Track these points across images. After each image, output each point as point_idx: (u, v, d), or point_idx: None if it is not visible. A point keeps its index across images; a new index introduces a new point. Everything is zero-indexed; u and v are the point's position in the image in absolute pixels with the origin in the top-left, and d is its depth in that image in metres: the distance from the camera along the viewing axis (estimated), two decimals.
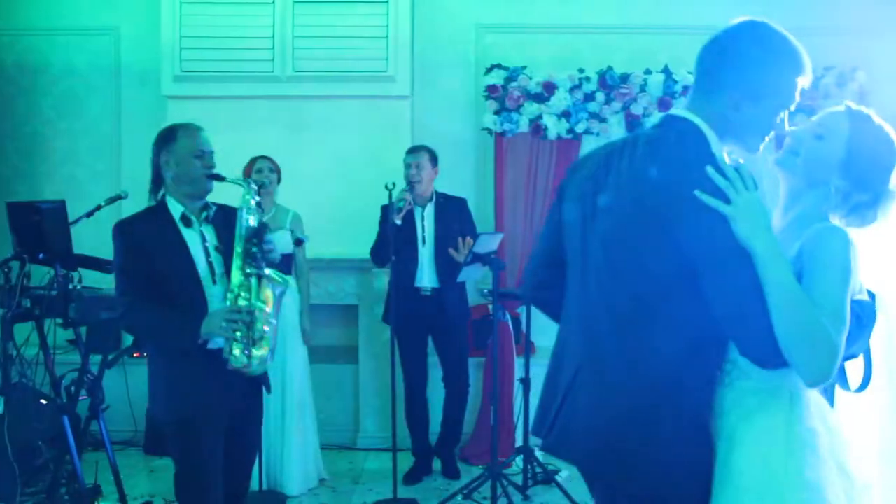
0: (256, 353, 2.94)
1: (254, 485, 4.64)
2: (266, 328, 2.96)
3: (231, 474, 3.12)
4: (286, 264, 4.90)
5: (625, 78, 5.55)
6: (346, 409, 5.77)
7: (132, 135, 6.00)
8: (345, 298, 5.73)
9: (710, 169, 1.83)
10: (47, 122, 6.16)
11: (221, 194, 4.57)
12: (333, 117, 5.74)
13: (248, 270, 2.97)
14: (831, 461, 1.85)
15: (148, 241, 3.03)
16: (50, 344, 4.46)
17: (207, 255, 3.08)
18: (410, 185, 4.92)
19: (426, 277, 5.05)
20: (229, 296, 2.97)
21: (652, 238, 1.88)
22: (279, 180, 5.01)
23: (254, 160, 4.94)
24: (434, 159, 5.09)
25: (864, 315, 1.92)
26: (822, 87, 5.41)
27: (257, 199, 3.06)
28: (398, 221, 4.78)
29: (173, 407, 3.04)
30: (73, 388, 4.58)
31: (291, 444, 4.83)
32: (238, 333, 2.90)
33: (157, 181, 3.17)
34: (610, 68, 5.58)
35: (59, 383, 4.60)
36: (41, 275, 4.35)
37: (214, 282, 3.05)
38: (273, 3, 5.67)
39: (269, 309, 2.97)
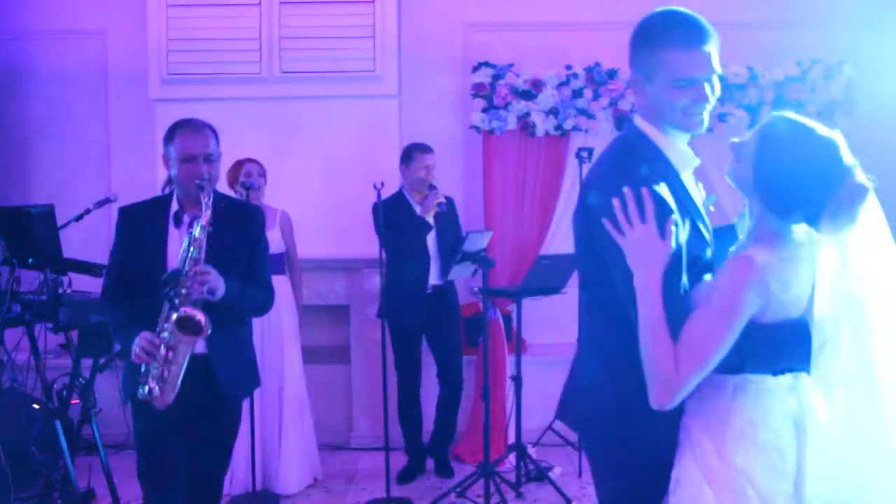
0: (157, 389, 2.86)
1: (247, 486, 4.72)
2: (165, 373, 2.86)
3: (194, 482, 3.12)
4: (278, 263, 4.94)
5: (612, 74, 5.58)
6: (339, 410, 5.79)
7: (120, 138, 6.03)
8: (335, 298, 5.75)
9: (615, 201, 1.95)
10: (36, 127, 6.17)
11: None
12: (321, 117, 5.76)
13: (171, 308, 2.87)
14: (789, 440, 1.93)
15: (136, 233, 3.08)
16: (41, 348, 4.50)
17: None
18: (433, 188, 5.01)
19: (432, 275, 5.09)
20: (160, 325, 2.89)
21: (587, 245, 2.10)
22: (265, 182, 5.02)
23: (240, 163, 4.94)
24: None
25: (788, 337, 1.93)
26: (810, 81, 5.43)
27: (204, 225, 2.90)
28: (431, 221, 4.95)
29: (129, 389, 3.03)
30: (64, 393, 4.60)
31: (289, 444, 4.86)
32: (153, 366, 2.86)
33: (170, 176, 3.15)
34: (597, 64, 5.60)
35: (51, 388, 4.63)
36: (31, 279, 4.37)
37: None
38: (259, 4, 5.68)
39: (170, 354, 2.85)
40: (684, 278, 1.98)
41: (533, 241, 5.64)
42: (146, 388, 2.87)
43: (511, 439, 5.24)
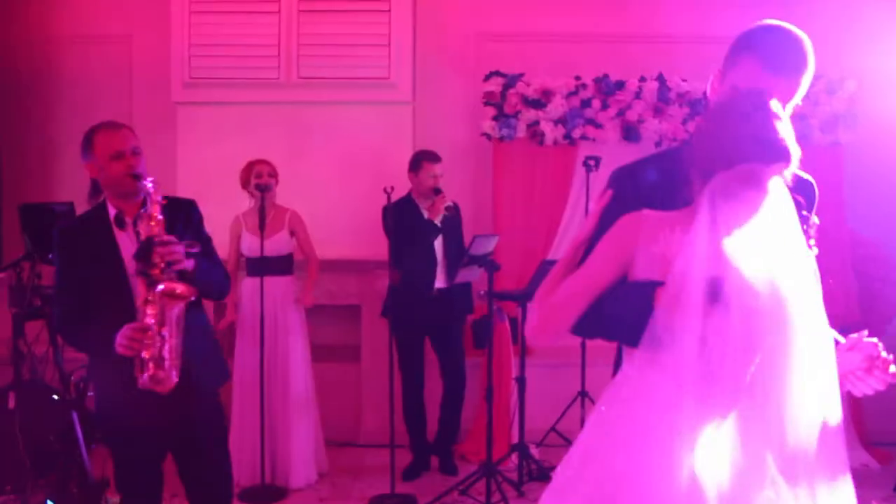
0: (159, 373, 2.74)
1: (256, 478, 4.71)
2: (164, 350, 2.74)
3: (200, 481, 3.07)
4: (286, 264, 4.92)
5: (620, 85, 5.54)
6: (349, 406, 5.77)
7: (143, 140, 5.96)
8: (347, 298, 5.73)
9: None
10: (62, 127, 6.18)
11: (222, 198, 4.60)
12: (337, 122, 5.76)
13: (148, 286, 2.75)
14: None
15: (81, 248, 2.91)
16: (59, 341, 4.50)
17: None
18: (439, 192, 4.97)
19: (439, 278, 5.07)
20: (140, 310, 2.79)
21: None
22: (277, 182, 5.00)
23: (252, 164, 4.94)
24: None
25: (627, 297, 1.75)
26: (813, 95, 5.38)
27: (156, 199, 2.81)
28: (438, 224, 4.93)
29: (104, 407, 2.95)
30: (81, 384, 4.60)
31: (293, 440, 4.86)
32: (144, 353, 2.73)
33: (95, 186, 3.01)
34: (606, 76, 5.57)
35: (69, 379, 4.64)
36: (51, 274, 4.37)
37: None
38: (279, 11, 5.69)
39: (165, 329, 2.74)
40: None
41: (540, 246, 5.60)
42: (146, 375, 2.73)
43: (515, 439, 5.20)
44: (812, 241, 1.86)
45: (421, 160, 5.12)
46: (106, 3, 6.08)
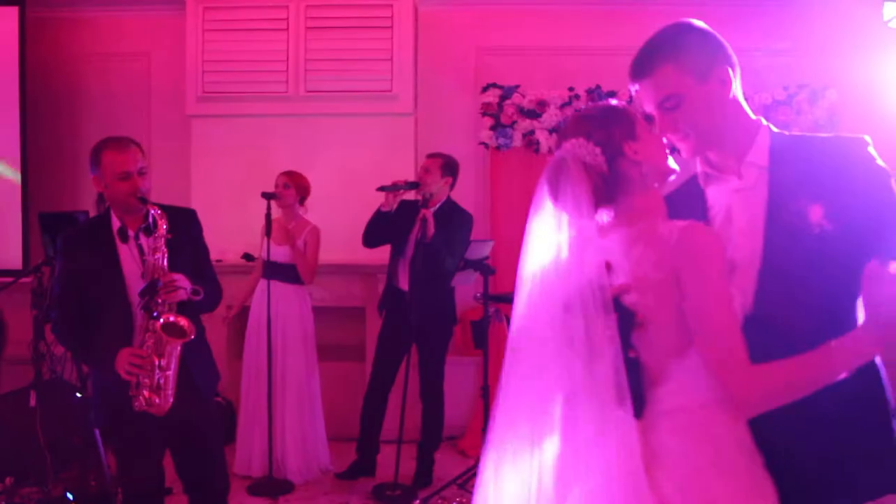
0: (154, 398, 2.77)
1: (265, 470, 4.72)
2: (161, 380, 2.78)
3: (192, 475, 3.04)
4: (294, 272, 4.89)
5: (612, 95, 5.51)
6: (354, 403, 5.73)
7: (161, 150, 6.08)
8: (352, 301, 5.76)
9: None
10: (88, 140, 6.16)
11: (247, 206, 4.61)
12: (342, 133, 5.81)
13: (152, 318, 2.81)
14: None
15: (83, 256, 2.88)
16: None
17: (143, 268, 2.88)
18: (417, 183, 4.76)
19: (402, 279, 4.86)
20: (140, 337, 2.83)
21: None
22: (301, 195, 4.94)
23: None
24: (447, 168, 4.84)
25: None
26: (796, 104, 5.36)
27: (162, 234, 2.85)
28: (384, 209, 4.76)
29: (108, 412, 2.93)
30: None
31: (292, 437, 4.85)
32: (141, 378, 2.77)
33: (101, 196, 2.99)
34: (598, 87, 5.57)
35: (86, 379, 4.65)
36: None
37: None
38: (287, 28, 5.75)
39: (163, 361, 2.77)
40: None
41: None
42: (141, 398, 2.78)
43: None
44: None
45: None
46: (126, 22, 6.18)
